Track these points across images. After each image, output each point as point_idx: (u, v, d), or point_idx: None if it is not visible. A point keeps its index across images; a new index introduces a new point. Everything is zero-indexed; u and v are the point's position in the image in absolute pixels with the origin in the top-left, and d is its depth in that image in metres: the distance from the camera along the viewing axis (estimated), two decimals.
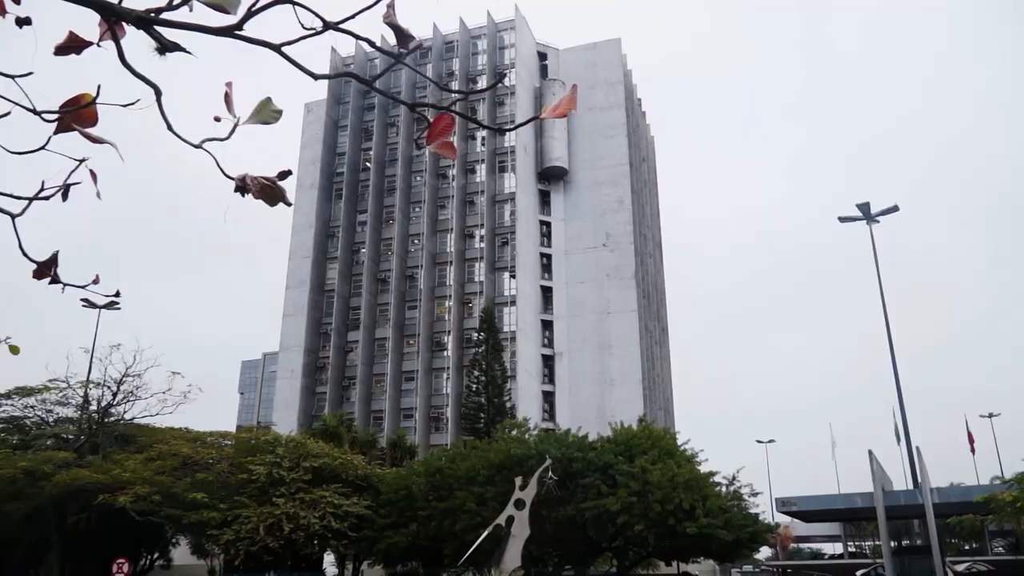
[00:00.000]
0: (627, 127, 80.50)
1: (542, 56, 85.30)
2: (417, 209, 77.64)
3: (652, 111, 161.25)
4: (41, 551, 37.15)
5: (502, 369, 56.83)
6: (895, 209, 42.63)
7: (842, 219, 43.91)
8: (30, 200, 2.45)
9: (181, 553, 45.75)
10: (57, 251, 2.50)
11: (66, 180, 2.38)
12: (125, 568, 30.94)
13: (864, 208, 43.01)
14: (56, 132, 2.27)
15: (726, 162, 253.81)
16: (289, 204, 2.30)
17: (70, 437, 38.53)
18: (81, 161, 2.37)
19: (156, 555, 45.12)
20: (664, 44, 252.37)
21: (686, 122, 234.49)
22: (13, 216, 2.48)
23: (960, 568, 43.90)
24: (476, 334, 61.98)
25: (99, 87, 2.25)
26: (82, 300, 35.91)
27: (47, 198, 2.43)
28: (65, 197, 2.43)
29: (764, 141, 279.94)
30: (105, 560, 32.97)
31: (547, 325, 75.23)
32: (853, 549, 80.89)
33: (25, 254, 2.46)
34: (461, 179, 76.87)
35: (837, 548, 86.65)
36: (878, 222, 42.99)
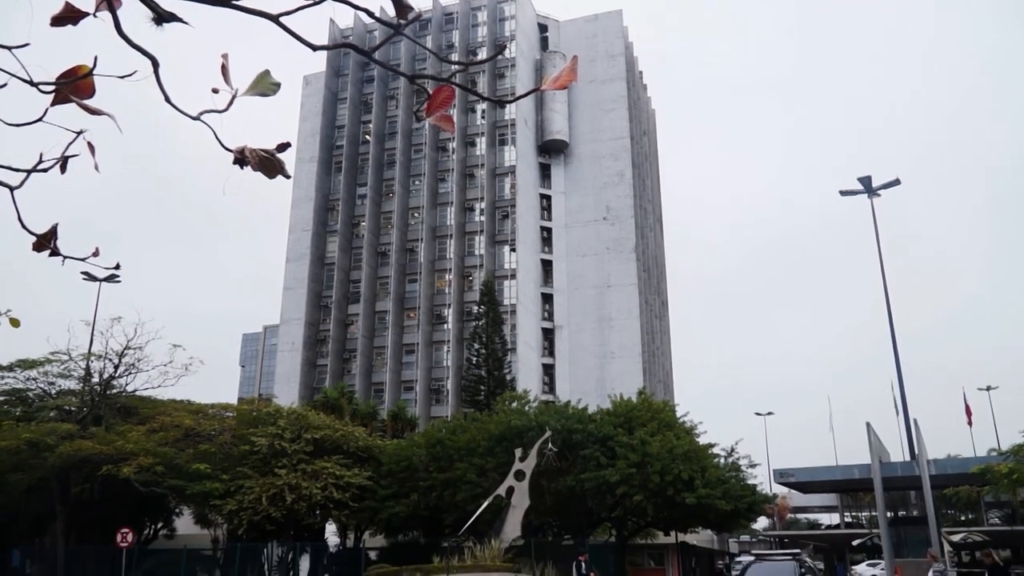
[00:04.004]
0: (628, 100, 79.94)
1: (542, 28, 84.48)
2: (417, 182, 77.38)
3: (654, 84, 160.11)
4: (46, 521, 37.53)
5: (502, 342, 57.00)
6: (896, 183, 42.46)
7: (843, 192, 43.76)
8: (28, 172, 2.44)
9: (184, 523, 46.20)
10: (56, 223, 2.50)
11: (64, 152, 2.37)
12: (129, 538, 31.26)
13: (865, 181, 42.84)
14: (53, 104, 2.26)
15: (728, 137, 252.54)
16: (288, 176, 2.30)
17: (73, 409, 38.71)
18: (79, 133, 2.35)
19: (160, 525, 45.57)
20: (667, 16, 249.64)
21: (689, 96, 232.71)
22: (12, 188, 2.47)
23: (955, 538, 44.32)
24: (476, 307, 62.11)
25: (96, 58, 2.23)
26: (83, 273, 35.92)
27: (45, 170, 2.42)
28: (63, 169, 2.42)
29: (766, 116, 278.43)
30: (109, 530, 33.32)
31: (547, 298, 75.34)
32: (850, 519, 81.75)
33: (24, 226, 2.46)
34: (461, 152, 76.51)
35: (834, 519, 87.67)
36: (879, 195, 42.84)
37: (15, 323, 3.69)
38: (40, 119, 2.32)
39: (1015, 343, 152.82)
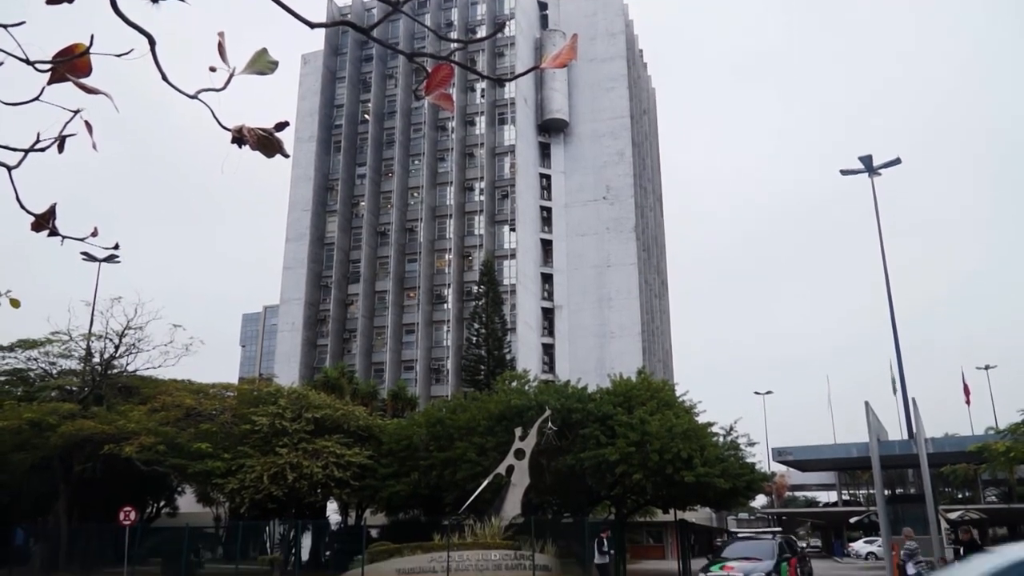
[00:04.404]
0: (628, 79, 79.47)
1: (542, 6, 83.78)
2: (416, 162, 77.12)
3: (654, 63, 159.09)
4: (49, 500, 37.78)
5: (502, 322, 57.09)
6: (897, 162, 42.26)
7: (844, 172, 43.57)
8: (26, 152, 2.43)
9: (187, 501, 46.57)
10: (55, 203, 2.49)
11: (61, 131, 2.36)
12: (132, 516, 31.46)
13: (866, 160, 42.64)
14: (50, 82, 2.24)
15: (729, 116, 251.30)
16: (287, 156, 2.29)
17: (74, 389, 38.86)
18: (76, 112, 2.34)
19: (162, 503, 45.92)
20: None
21: (689, 74, 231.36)
22: (9, 168, 2.47)
23: (953, 516, 44.64)
24: (476, 287, 62.15)
25: (92, 36, 2.22)
26: (82, 253, 35.91)
27: (43, 149, 2.41)
28: (61, 149, 2.41)
29: (767, 95, 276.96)
30: (112, 508, 33.55)
31: (547, 278, 75.34)
32: (847, 497, 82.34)
33: (23, 206, 2.45)
34: (460, 131, 76.17)
35: (831, 496, 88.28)
36: (880, 174, 42.66)
37: (15, 303, 3.69)
38: (37, 98, 2.31)
39: (1015, 322, 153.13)
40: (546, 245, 76.25)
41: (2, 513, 39.43)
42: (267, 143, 2.21)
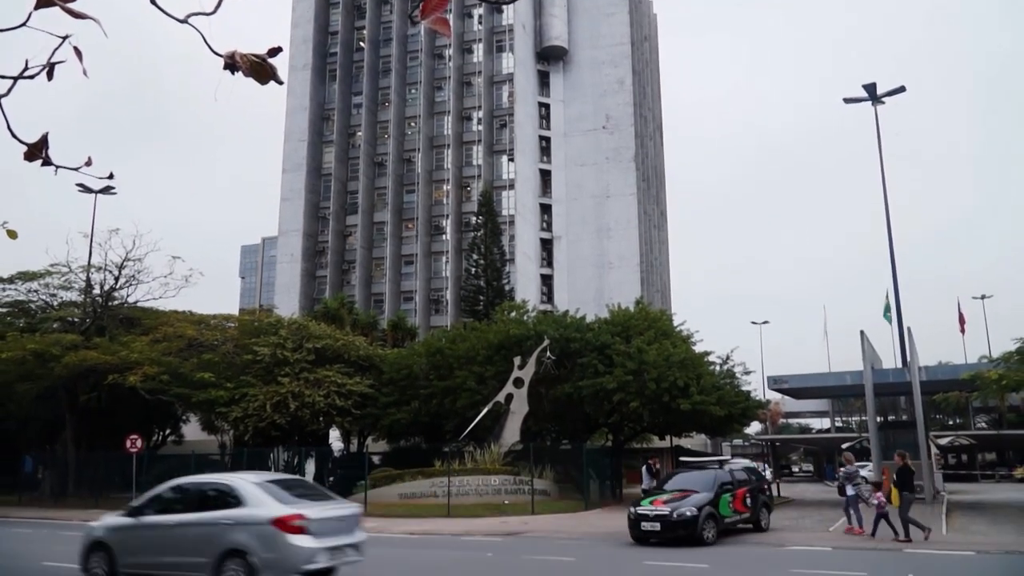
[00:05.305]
0: (629, 3, 77.49)
1: None
2: (413, 91, 75.77)
3: None
4: (56, 429, 38.45)
5: (500, 252, 57.08)
6: (902, 90, 41.52)
7: (847, 100, 42.88)
8: (15, 79, 2.39)
9: (192, 429, 47.41)
10: (47, 132, 2.46)
11: (50, 58, 2.32)
12: (138, 444, 32.08)
13: (870, 89, 41.92)
14: (36, 7, 2.19)
15: (733, 39, 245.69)
16: (280, 82, 2.25)
17: (76, 320, 39.10)
18: (64, 38, 2.29)
19: (168, 431, 46.76)
20: None
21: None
22: None
23: (943, 442, 45.52)
24: (475, 218, 61.92)
25: None
26: (78, 185, 35.67)
27: (32, 77, 2.37)
28: (51, 76, 2.36)
29: (768, 19, 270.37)
30: (118, 437, 34.16)
31: (546, 208, 74.99)
32: (840, 424, 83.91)
33: (15, 135, 2.42)
34: (458, 59, 74.61)
35: (825, 423, 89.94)
36: (883, 103, 41.97)
37: (12, 235, 3.68)
38: (24, 23, 2.26)
39: (1013, 253, 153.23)
40: (545, 175, 75.64)
41: (11, 441, 40.19)
42: (260, 69, 2.18)
